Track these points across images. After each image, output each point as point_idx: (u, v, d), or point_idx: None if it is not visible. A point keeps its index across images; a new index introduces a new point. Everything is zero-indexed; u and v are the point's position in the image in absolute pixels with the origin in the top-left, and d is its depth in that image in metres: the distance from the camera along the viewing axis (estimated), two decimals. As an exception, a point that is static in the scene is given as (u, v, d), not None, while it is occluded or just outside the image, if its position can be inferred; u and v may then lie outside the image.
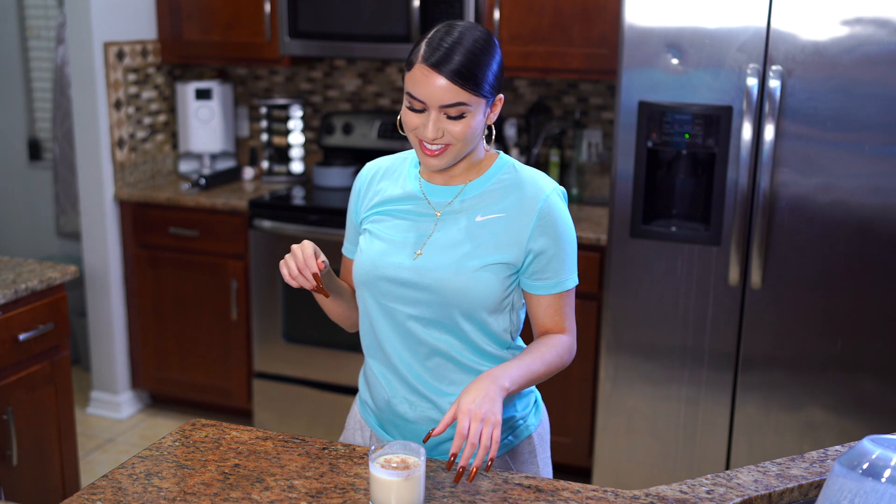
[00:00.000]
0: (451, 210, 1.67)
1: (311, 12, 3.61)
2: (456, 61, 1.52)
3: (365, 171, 1.79)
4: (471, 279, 1.61)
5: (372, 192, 1.75)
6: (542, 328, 1.71)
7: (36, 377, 2.70)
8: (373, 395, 1.77)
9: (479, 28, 1.59)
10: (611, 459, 3.16)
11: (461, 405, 1.48)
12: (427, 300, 1.64)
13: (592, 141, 3.76)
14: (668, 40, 2.83)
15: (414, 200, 1.69)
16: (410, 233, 1.67)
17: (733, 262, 2.87)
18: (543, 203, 1.64)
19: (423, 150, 1.60)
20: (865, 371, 2.84)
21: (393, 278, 1.65)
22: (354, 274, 1.71)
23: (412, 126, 1.59)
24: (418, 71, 1.54)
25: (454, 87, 1.53)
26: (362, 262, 1.69)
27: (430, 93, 1.53)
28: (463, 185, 1.67)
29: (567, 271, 1.68)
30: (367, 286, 1.69)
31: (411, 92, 1.56)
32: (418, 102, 1.56)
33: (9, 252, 4.69)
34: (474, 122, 1.57)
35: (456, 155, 1.60)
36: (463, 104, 1.54)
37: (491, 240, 1.63)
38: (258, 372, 3.79)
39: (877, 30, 2.64)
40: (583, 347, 3.32)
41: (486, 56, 1.56)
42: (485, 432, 1.45)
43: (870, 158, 2.72)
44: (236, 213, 3.70)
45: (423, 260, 1.64)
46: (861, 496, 1.12)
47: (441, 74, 1.52)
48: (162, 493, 1.50)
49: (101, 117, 3.75)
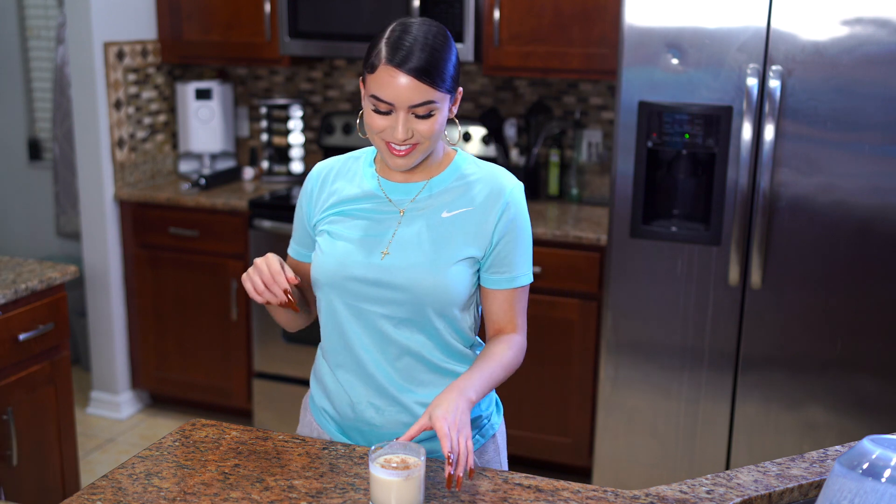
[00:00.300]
0: (415, 207, 1.66)
1: (311, 12, 3.61)
2: (420, 58, 1.52)
3: (316, 172, 1.75)
4: (445, 276, 1.61)
5: (326, 194, 1.72)
6: (496, 324, 1.71)
7: (36, 377, 2.70)
8: (334, 402, 1.74)
9: (433, 23, 1.58)
10: (611, 459, 3.16)
11: (436, 415, 1.48)
12: (400, 299, 1.62)
13: (592, 141, 3.76)
14: (668, 40, 2.83)
15: (374, 199, 1.68)
16: (373, 231, 1.65)
17: (733, 262, 2.87)
18: (508, 196, 1.65)
19: (392, 152, 1.58)
20: (865, 371, 2.84)
21: (361, 278, 1.63)
22: (317, 276, 1.68)
23: (378, 129, 1.57)
24: (383, 73, 1.52)
25: (421, 86, 1.52)
26: (326, 263, 1.66)
27: (398, 94, 1.52)
28: (425, 182, 1.67)
29: (523, 266, 1.70)
30: (333, 287, 1.66)
31: (377, 94, 1.54)
32: (385, 104, 1.54)
33: (9, 252, 4.69)
34: (441, 118, 1.58)
35: (423, 153, 1.60)
36: (431, 102, 1.54)
37: (459, 235, 1.63)
38: (258, 372, 3.79)
39: (877, 30, 2.64)
40: (583, 347, 3.32)
41: (446, 51, 1.56)
42: (461, 441, 1.46)
43: (870, 158, 2.72)
44: (236, 213, 3.70)
45: (392, 259, 1.63)
46: (861, 496, 1.12)
47: (408, 74, 1.51)
48: (162, 493, 1.50)
49: (101, 117, 3.75)
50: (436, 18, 3.41)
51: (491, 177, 1.67)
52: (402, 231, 1.64)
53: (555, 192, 3.77)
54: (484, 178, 1.67)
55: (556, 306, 3.29)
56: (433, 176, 1.67)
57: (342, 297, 1.66)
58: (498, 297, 1.69)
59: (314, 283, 1.70)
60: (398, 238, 1.64)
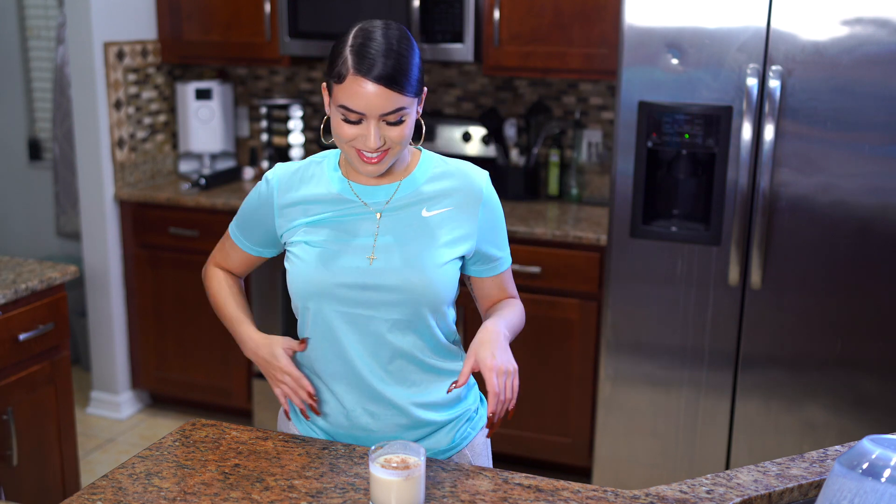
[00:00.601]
0: (392, 208, 1.65)
1: (311, 12, 3.61)
2: (388, 66, 1.51)
3: (274, 177, 1.71)
4: (436, 274, 1.62)
5: (291, 201, 1.68)
6: (491, 300, 1.79)
7: (36, 377, 2.70)
8: (326, 413, 1.72)
9: (394, 25, 1.58)
10: (611, 459, 3.16)
11: (485, 362, 1.54)
12: (393, 300, 1.62)
13: (592, 141, 3.76)
14: (668, 40, 2.83)
15: (346, 203, 1.66)
16: (353, 236, 1.64)
17: (733, 262, 2.87)
18: (485, 193, 1.69)
19: (363, 159, 1.57)
20: (865, 371, 2.84)
21: (352, 284, 1.62)
22: (305, 287, 1.65)
23: (348, 137, 1.56)
24: (352, 83, 1.51)
25: (391, 94, 1.51)
26: (312, 273, 1.63)
27: (369, 103, 1.51)
28: (398, 183, 1.67)
29: (505, 249, 1.77)
30: (324, 296, 1.64)
31: (347, 105, 1.53)
32: (355, 114, 1.53)
33: (9, 252, 4.69)
34: (410, 122, 1.58)
35: (394, 157, 1.60)
36: (402, 109, 1.54)
37: (446, 234, 1.65)
38: (258, 372, 3.79)
39: (877, 30, 2.64)
40: (583, 347, 3.32)
41: (411, 54, 1.55)
42: (509, 383, 1.54)
43: (870, 158, 2.72)
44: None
45: (380, 262, 1.62)
46: (861, 496, 1.12)
47: (377, 83, 1.50)
48: (162, 493, 1.50)
49: (101, 117, 3.75)
50: (436, 18, 3.42)
51: (461, 174, 1.69)
52: (384, 233, 1.64)
53: (555, 192, 3.77)
54: (455, 174, 1.69)
55: (556, 306, 3.29)
56: (405, 177, 1.67)
57: (333, 306, 1.64)
58: (489, 283, 1.77)
59: (300, 294, 1.66)
60: (381, 241, 1.64)
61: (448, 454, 1.74)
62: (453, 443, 1.74)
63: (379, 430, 1.69)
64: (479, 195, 1.67)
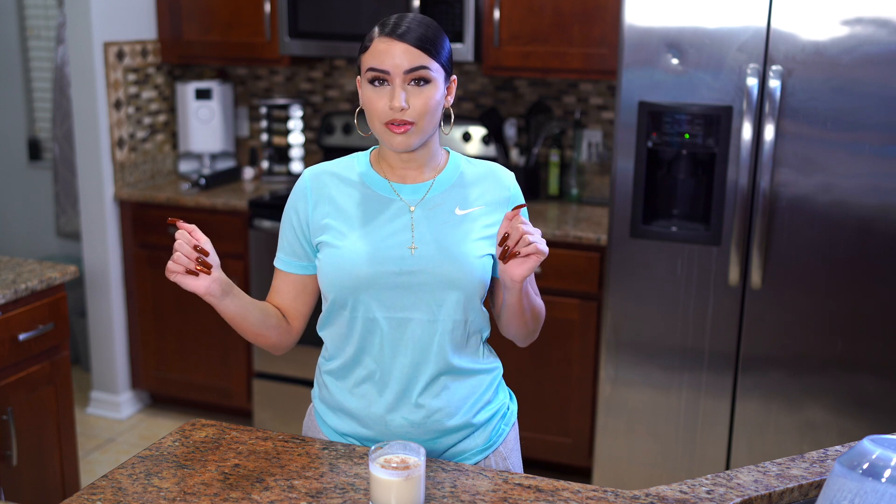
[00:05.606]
0: (426, 205, 1.67)
1: (311, 12, 3.61)
2: (414, 30, 1.58)
3: (309, 178, 1.71)
4: (477, 263, 1.64)
5: (324, 203, 1.68)
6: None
7: (36, 377, 2.70)
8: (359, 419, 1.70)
9: (427, 17, 1.65)
10: (611, 459, 3.16)
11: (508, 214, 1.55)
12: (436, 284, 1.62)
13: (592, 141, 3.76)
14: (668, 40, 2.83)
15: (380, 199, 1.68)
16: (390, 228, 1.65)
17: (733, 262, 2.87)
18: (513, 192, 1.74)
19: (391, 129, 1.59)
20: (865, 371, 2.84)
21: (397, 271, 1.62)
22: (347, 278, 1.63)
23: (377, 107, 1.58)
24: (379, 44, 1.58)
25: (415, 51, 1.56)
26: (354, 265, 1.62)
27: (394, 58, 1.56)
28: (431, 181, 1.69)
29: None
30: (370, 287, 1.62)
31: (373, 65, 1.57)
32: (381, 73, 1.57)
33: (9, 252, 4.69)
34: (437, 94, 1.60)
35: (420, 135, 1.61)
36: (425, 68, 1.57)
37: (480, 231, 1.67)
38: (258, 372, 3.79)
39: (877, 30, 2.64)
40: (583, 347, 3.32)
41: (440, 32, 1.62)
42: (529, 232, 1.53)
43: (870, 158, 2.72)
44: (236, 213, 3.70)
45: (422, 251, 1.63)
46: (861, 496, 1.12)
47: (402, 41, 1.57)
48: (162, 493, 1.50)
49: (101, 117, 3.75)
50: (436, 18, 3.41)
51: (491, 174, 1.74)
52: (420, 227, 1.65)
53: (555, 192, 3.77)
54: (484, 175, 1.73)
55: (556, 306, 3.29)
56: (436, 175, 1.70)
57: (375, 295, 1.63)
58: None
59: (343, 287, 1.64)
60: (419, 233, 1.65)
61: (485, 454, 1.73)
62: (489, 441, 1.74)
63: (418, 436, 1.68)
64: (507, 194, 1.72)
